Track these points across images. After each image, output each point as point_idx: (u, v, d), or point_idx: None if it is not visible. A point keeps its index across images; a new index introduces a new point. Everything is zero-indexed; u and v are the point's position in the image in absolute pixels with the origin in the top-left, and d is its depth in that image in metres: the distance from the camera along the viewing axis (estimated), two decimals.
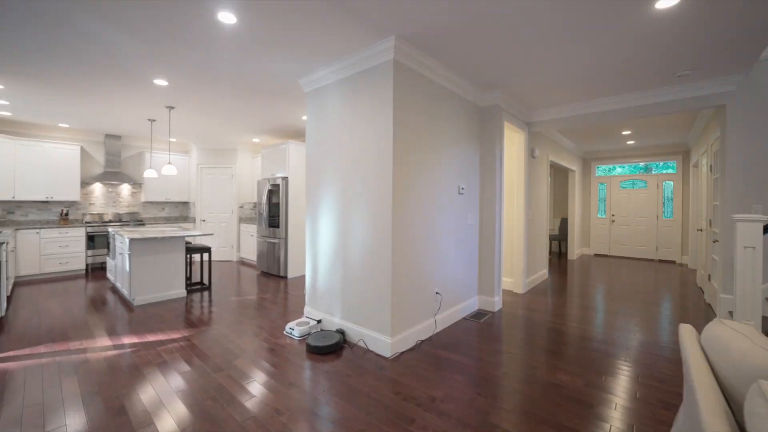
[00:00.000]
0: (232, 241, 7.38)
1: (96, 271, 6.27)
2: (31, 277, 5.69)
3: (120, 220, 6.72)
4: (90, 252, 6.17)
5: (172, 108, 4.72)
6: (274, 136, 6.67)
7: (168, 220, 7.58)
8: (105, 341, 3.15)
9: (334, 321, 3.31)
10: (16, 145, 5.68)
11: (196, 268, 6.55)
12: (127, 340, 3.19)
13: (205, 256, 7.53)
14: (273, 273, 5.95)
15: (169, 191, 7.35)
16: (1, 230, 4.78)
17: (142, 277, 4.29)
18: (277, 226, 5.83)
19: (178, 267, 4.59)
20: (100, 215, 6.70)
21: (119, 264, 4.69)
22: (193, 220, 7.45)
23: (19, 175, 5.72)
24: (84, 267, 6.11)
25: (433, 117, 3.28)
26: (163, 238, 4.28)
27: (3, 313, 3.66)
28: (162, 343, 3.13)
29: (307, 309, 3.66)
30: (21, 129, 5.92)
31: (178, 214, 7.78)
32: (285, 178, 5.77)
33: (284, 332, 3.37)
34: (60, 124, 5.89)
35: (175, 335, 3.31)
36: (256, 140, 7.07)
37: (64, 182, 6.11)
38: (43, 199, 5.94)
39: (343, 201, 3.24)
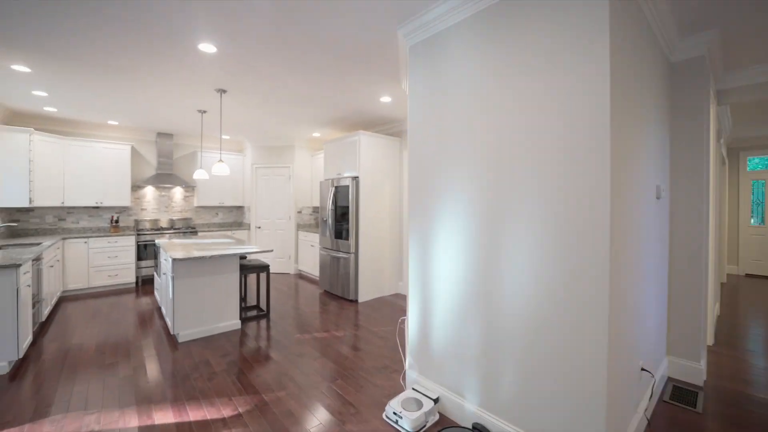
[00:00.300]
0: (289, 250, 6.46)
1: (147, 285, 5.63)
2: (79, 291, 5.13)
3: (172, 227, 6.07)
4: (141, 263, 5.54)
5: (224, 92, 3.78)
6: (338, 128, 5.60)
7: (221, 226, 6.86)
8: (130, 419, 2.17)
9: (465, 407, 2.05)
10: (65, 146, 5.16)
11: (250, 285, 5.67)
12: (160, 417, 2.19)
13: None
14: (339, 294, 4.87)
15: (223, 195, 6.61)
16: (40, 242, 4.19)
17: (188, 305, 3.36)
18: (345, 238, 4.73)
19: (232, 291, 3.63)
20: (153, 221, 6.09)
21: (163, 285, 3.85)
22: (248, 227, 6.65)
23: (69, 179, 5.19)
24: (134, 280, 5.49)
25: (636, 75, 1.90)
26: (214, 257, 3.32)
27: (20, 355, 2.87)
28: (206, 427, 2.08)
29: (411, 374, 2.44)
30: (68, 128, 5.42)
31: (232, 219, 7.05)
32: (355, 179, 4.65)
33: (384, 416, 2.18)
34: (109, 122, 5.29)
35: (226, 409, 2.26)
36: (316, 134, 6.07)
37: (114, 186, 5.53)
38: (93, 204, 5.39)
39: (485, 212, 1.97)
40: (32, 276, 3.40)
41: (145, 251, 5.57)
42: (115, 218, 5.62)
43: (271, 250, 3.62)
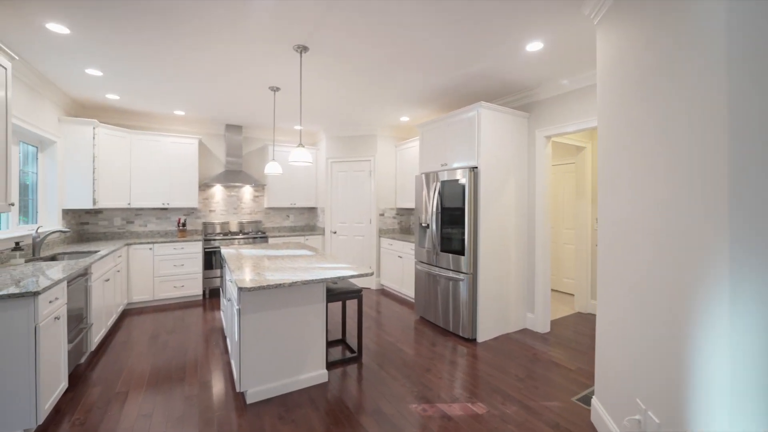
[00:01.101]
0: (370, 260, 5.37)
1: (215, 298, 4.92)
2: (144, 304, 4.55)
3: (242, 232, 5.34)
4: (208, 272, 4.84)
5: (305, 50, 2.73)
6: (437, 106, 4.34)
7: (292, 230, 6.03)
8: None
9: None
10: (131, 140, 4.62)
11: (332, 314, 4.67)
12: None
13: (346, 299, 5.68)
14: (445, 327, 3.60)
15: (295, 194, 5.75)
16: (99, 249, 3.56)
17: (259, 351, 2.35)
18: (458, 252, 3.45)
19: (316, 329, 2.56)
20: (221, 225, 5.42)
21: (228, 313, 2.92)
22: (321, 232, 5.70)
23: (135, 177, 4.65)
24: (201, 292, 4.80)
25: None
26: (296, 284, 2.24)
27: (40, 421, 2.04)
28: None
29: None
30: (133, 120, 4.90)
31: (304, 223, 6.18)
32: (473, 170, 3.35)
33: None
34: (175, 112, 4.65)
35: None
36: (404, 118, 4.89)
37: (181, 184, 4.91)
38: (160, 206, 4.81)
39: None
40: (81, 295, 2.65)
41: (213, 258, 4.86)
42: (182, 221, 5.01)
43: (371, 273, 2.47)
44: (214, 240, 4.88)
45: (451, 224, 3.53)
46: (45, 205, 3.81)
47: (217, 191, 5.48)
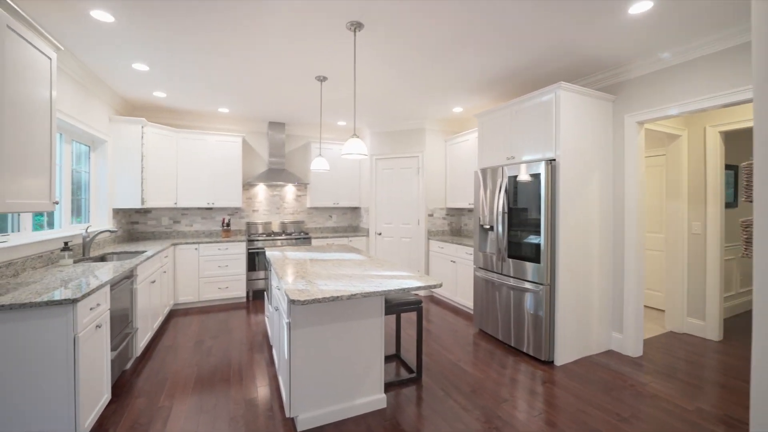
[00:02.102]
0: (418, 264, 4.98)
1: (258, 300, 4.77)
2: (190, 305, 4.47)
3: (284, 232, 5.16)
4: (251, 274, 4.70)
5: (359, 27, 2.39)
6: (497, 94, 3.87)
7: (335, 231, 5.78)
8: None
9: None
10: (177, 139, 4.57)
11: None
12: None
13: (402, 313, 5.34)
14: (512, 344, 3.13)
15: (339, 193, 5.49)
16: (144, 250, 3.47)
17: (311, 371, 2.04)
18: (531, 259, 2.97)
19: (373, 346, 2.21)
20: (264, 225, 5.28)
21: (275, 324, 2.66)
22: (365, 233, 5.40)
23: (182, 176, 4.59)
24: (244, 294, 4.67)
25: None
26: (355, 297, 1.90)
27: (109, 398, 1.87)
28: None
29: None
30: (178, 119, 4.85)
31: (346, 223, 5.92)
32: (550, 163, 2.85)
33: None
34: (219, 109, 4.54)
35: None
36: (457, 109, 4.45)
37: (225, 184, 4.81)
38: (205, 205, 4.73)
39: None
40: (126, 298, 2.51)
41: (257, 259, 4.70)
42: (226, 221, 4.91)
43: (440, 284, 2.08)
44: (257, 240, 4.73)
45: (522, 226, 3.05)
46: (96, 204, 3.80)
47: (260, 190, 5.35)
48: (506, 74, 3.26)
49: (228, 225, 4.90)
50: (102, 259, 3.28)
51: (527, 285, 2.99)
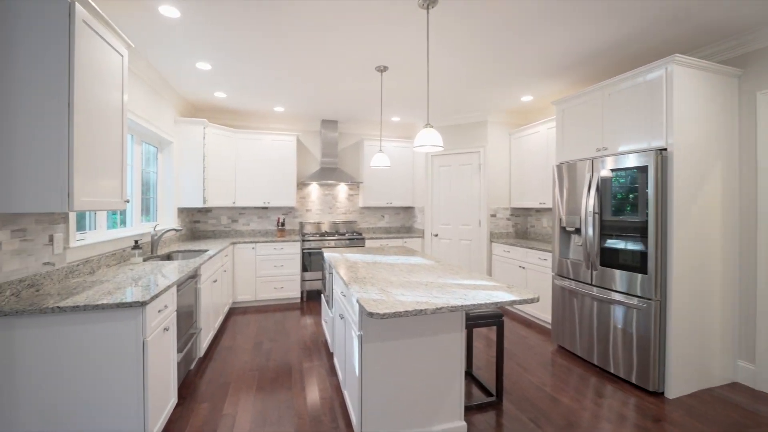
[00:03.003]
0: (479, 269, 4.60)
1: (312, 301, 4.68)
2: (247, 304, 4.49)
3: (337, 232, 5.04)
4: (305, 274, 4.62)
5: (432, 3, 2.12)
6: (584, 77, 3.40)
7: (388, 231, 5.57)
8: None
9: None
10: (236, 140, 4.62)
11: None
12: None
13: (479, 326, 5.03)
14: (607, 368, 2.67)
15: (392, 192, 5.27)
16: (206, 249, 3.48)
17: (383, 389, 1.81)
18: (631, 268, 2.50)
19: (451, 366, 1.93)
20: (317, 225, 5.20)
21: (339, 333, 2.47)
22: (420, 234, 5.12)
23: (239, 176, 4.63)
24: (299, 294, 4.60)
25: None
26: (441, 311, 1.62)
27: (176, 402, 1.78)
28: None
29: None
30: (236, 120, 4.90)
31: (399, 224, 5.68)
32: (659, 153, 2.37)
33: None
34: (275, 108, 4.51)
35: None
36: (525, 98, 4.01)
37: (280, 183, 4.78)
38: (261, 205, 4.74)
39: None
40: (190, 298, 2.46)
41: (310, 259, 4.62)
42: (281, 220, 4.89)
43: (536, 298, 1.74)
44: (311, 240, 4.64)
45: (619, 230, 2.59)
46: (163, 203, 3.90)
47: (313, 190, 5.29)
48: (597, 52, 2.81)
49: (283, 225, 4.87)
50: (168, 257, 3.32)
51: (627, 299, 2.53)
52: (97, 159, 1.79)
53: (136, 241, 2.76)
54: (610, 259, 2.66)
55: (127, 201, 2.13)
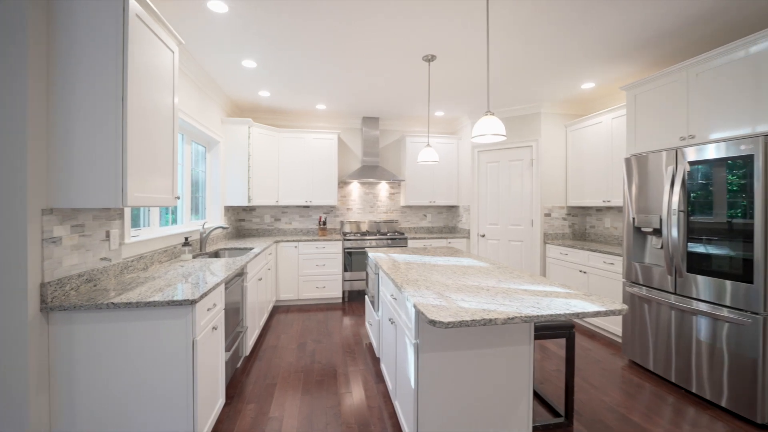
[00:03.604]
0: (532, 271, 4.25)
1: (353, 302, 4.60)
2: (289, 303, 4.49)
3: (378, 232, 4.92)
4: (347, 275, 4.54)
5: None
6: (656, 58, 3.00)
7: (430, 231, 5.36)
8: None
9: None
10: (279, 139, 4.64)
11: None
12: None
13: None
14: (688, 389, 2.30)
15: (436, 191, 5.06)
16: (251, 247, 3.49)
17: (442, 405, 1.63)
18: (728, 275, 2.12)
19: (517, 382, 1.71)
20: (358, 224, 5.12)
21: (385, 336, 2.32)
22: (465, 234, 4.86)
23: (282, 175, 4.65)
24: (341, 294, 4.53)
25: None
26: (512, 321, 1.42)
27: (223, 402, 1.73)
28: None
29: None
30: (279, 119, 4.93)
31: (442, 223, 5.45)
32: None
33: None
34: (317, 106, 4.47)
35: None
36: (587, 85, 3.64)
37: (321, 182, 4.75)
38: (303, 203, 4.73)
39: None
40: (237, 296, 2.43)
41: (351, 259, 4.53)
42: (323, 219, 4.85)
43: (624, 309, 1.48)
44: (352, 240, 4.55)
45: (712, 231, 2.22)
46: (211, 201, 3.99)
47: (354, 189, 5.21)
48: (676, 27, 2.43)
49: (324, 223, 4.84)
50: (216, 254, 3.37)
51: (719, 310, 2.15)
52: (149, 156, 1.78)
53: (186, 239, 2.79)
54: (698, 264, 2.29)
55: (178, 197, 2.13)
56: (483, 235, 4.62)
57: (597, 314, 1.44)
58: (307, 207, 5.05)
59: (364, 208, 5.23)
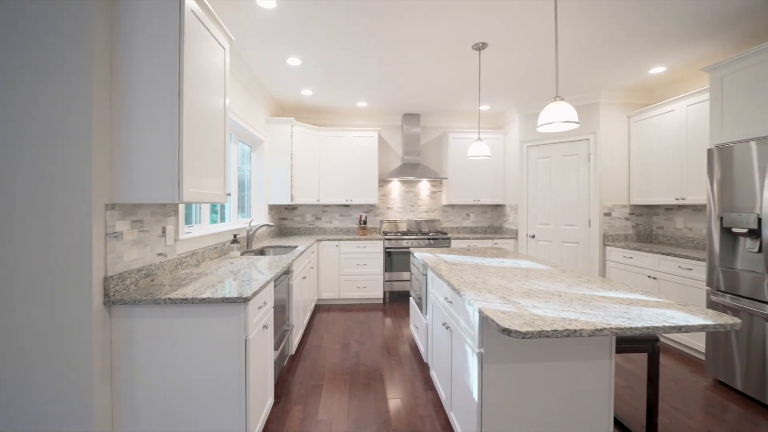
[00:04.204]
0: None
1: (394, 302, 4.50)
2: (331, 302, 4.48)
3: (420, 231, 4.77)
4: (387, 275, 4.45)
5: None
6: (743, 35, 2.62)
7: (473, 231, 5.14)
8: None
9: None
10: (320, 138, 4.64)
11: None
12: None
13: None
14: None
15: (480, 189, 4.83)
16: (296, 244, 3.49)
17: (508, 422, 1.46)
18: None
19: (595, 402, 1.50)
20: (398, 223, 5.01)
21: (434, 340, 2.18)
22: (513, 235, 4.59)
23: (323, 174, 4.65)
24: (381, 295, 4.44)
25: None
26: (596, 334, 1.24)
27: (272, 402, 1.70)
28: None
29: None
30: (320, 118, 4.93)
31: (487, 223, 5.20)
32: None
33: None
34: (358, 104, 4.42)
35: None
36: (657, 69, 3.28)
37: (362, 180, 4.69)
38: (344, 202, 4.70)
39: None
40: (283, 294, 2.40)
41: (391, 259, 4.43)
42: (363, 218, 4.79)
43: (737, 323, 1.24)
44: (393, 239, 4.45)
45: None
46: (256, 200, 4.05)
47: (394, 187, 5.10)
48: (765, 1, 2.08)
49: (365, 222, 4.78)
50: (261, 252, 3.40)
51: None
52: (202, 153, 1.78)
53: (235, 236, 2.82)
54: None
55: (229, 194, 2.13)
56: (532, 236, 4.34)
57: (704, 328, 1.22)
58: (347, 206, 5.02)
59: (405, 207, 5.11)
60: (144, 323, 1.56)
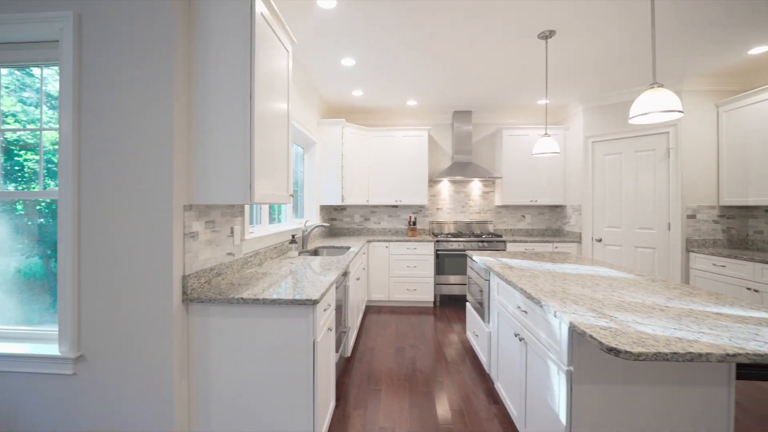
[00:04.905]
0: None
1: (444, 306, 4.36)
2: (381, 304, 4.43)
3: (472, 233, 4.58)
4: (438, 278, 4.32)
5: None
6: None
7: (529, 234, 4.84)
8: None
9: None
10: (369, 138, 4.63)
11: None
12: None
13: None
14: None
15: (537, 189, 4.54)
16: (349, 245, 3.48)
17: None
18: None
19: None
20: (449, 224, 4.86)
21: (511, 355, 2.03)
22: (576, 238, 4.25)
23: (373, 174, 4.63)
24: (432, 298, 4.32)
25: None
26: (726, 360, 1.05)
27: (334, 404, 1.67)
28: None
29: None
30: (370, 118, 4.91)
31: (544, 225, 4.88)
32: None
33: None
34: (408, 102, 4.34)
35: None
36: (756, 50, 2.85)
37: (411, 180, 4.60)
38: (393, 203, 4.64)
39: None
40: (340, 295, 2.39)
41: (441, 262, 4.29)
42: (413, 219, 4.70)
43: None
44: (443, 241, 4.31)
45: None
46: (308, 201, 4.12)
47: (444, 187, 4.96)
48: None
49: (414, 223, 4.69)
50: (315, 252, 3.43)
51: None
52: (268, 156, 1.79)
53: (293, 236, 2.86)
54: None
55: (292, 195, 2.14)
56: (599, 240, 3.98)
57: None
58: (396, 207, 4.96)
59: (455, 207, 4.94)
60: (218, 321, 1.59)
